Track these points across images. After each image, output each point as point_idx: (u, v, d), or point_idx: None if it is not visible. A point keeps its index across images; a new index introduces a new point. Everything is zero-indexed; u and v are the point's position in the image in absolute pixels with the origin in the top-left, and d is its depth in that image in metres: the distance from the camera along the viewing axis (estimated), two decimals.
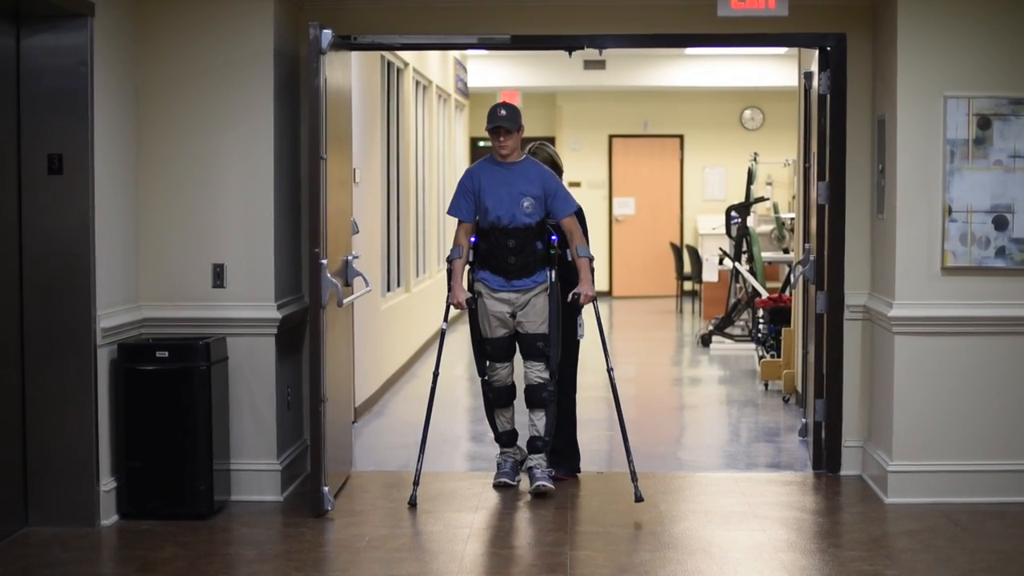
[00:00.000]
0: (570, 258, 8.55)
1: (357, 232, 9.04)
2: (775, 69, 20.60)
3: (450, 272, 8.58)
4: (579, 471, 8.98)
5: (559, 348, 8.51)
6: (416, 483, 8.24)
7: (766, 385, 12.92)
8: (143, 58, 8.19)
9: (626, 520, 7.89)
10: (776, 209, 20.77)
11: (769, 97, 22.93)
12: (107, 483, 7.73)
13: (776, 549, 7.31)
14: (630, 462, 8.34)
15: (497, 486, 8.56)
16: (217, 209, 8.27)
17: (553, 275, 8.48)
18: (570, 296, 8.48)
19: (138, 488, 7.82)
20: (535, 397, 8.48)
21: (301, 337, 8.80)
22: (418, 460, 8.35)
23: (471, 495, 8.19)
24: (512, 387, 8.62)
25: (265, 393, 8.30)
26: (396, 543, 7.41)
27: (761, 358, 13.89)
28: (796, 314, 11.86)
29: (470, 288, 8.56)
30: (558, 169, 8.89)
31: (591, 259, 8.56)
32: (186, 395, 7.80)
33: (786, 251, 18.61)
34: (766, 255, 17.26)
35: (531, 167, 8.52)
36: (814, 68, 9.39)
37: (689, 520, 7.98)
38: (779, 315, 13.57)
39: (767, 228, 20.46)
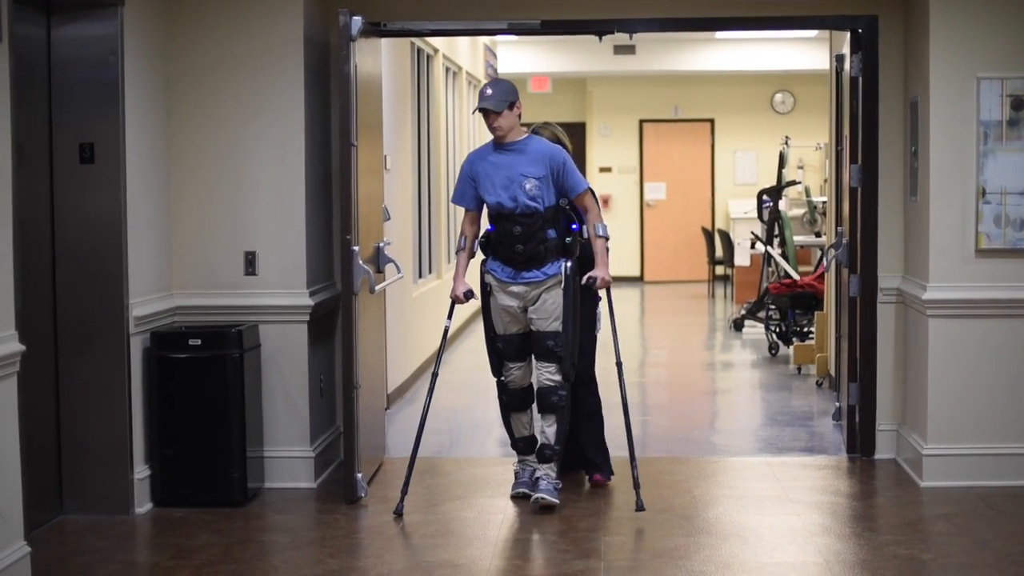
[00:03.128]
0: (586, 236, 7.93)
1: (388, 219, 9.04)
2: (806, 52, 20.50)
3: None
4: (612, 473, 8.41)
5: (575, 348, 7.87)
6: (404, 492, 7.76)
7: (799, 369, 12.89)
8: (173, 47, 8.20)
9: (659, 505, 7.86)
10: (808, 193, 20.72)
11: (800, 80, 22.83)
12: (141, 471, 7.75)
13: (811, 533, 7.29)
14: (634, 468, 7.89)
15: (515, 497, 7.95)
16: (249, 197, 8.27)
17: (568, 267, 7.77)
18: (585, 279, 7.83)
19: (172, 476, 7.84)
20: (546, 401, 7.81)
21: (333, 324, 8.80)
22: (408, 469, 7.87)
23: (504, 481, 8.18)
24: (529, 389, 7.99)
25: (298, 380, 8.30)
26: (430, 529, 7.41)
27: (772, 347, 13.84)
28: (829, 297, 11.82)
29: (482, 280, 7.96)
30: (565, 149, 8.11)
31: (608, 238, 7.93)
32: (219, 383, 7.81)
33: (818, 235, 18.55)
34: (798, 239, 17.22)
35: (535, 145, 7.80)
36: (846, 50, 9.34)
37: (723, 505, 7.95)
38: (800, 300, 13.52)
39: (799, 212, 20.41)
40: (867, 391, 8.96)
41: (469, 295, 8.00)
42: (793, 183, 18.99)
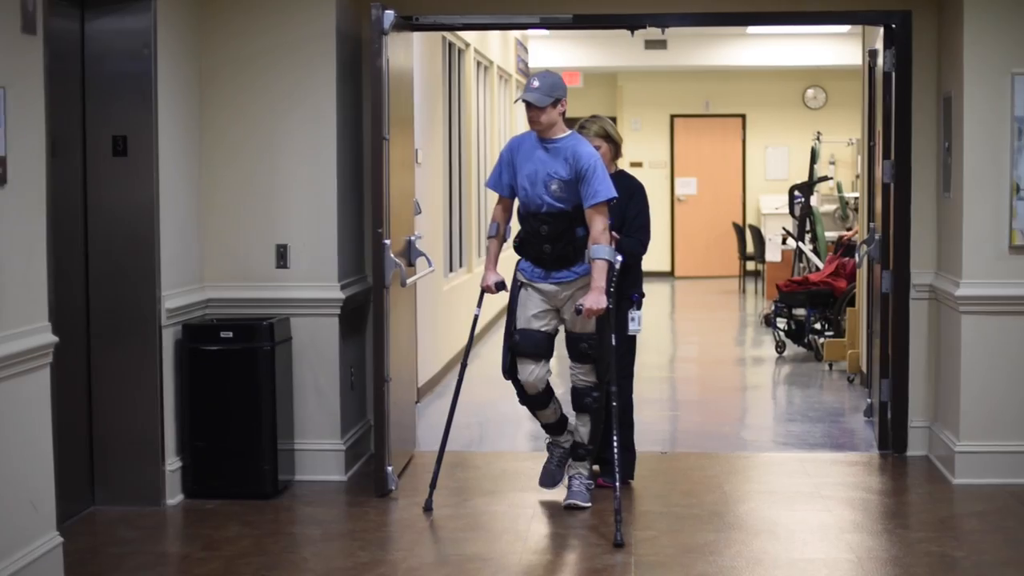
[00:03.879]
0: (617, 261, 7.55)
1: (419, 213, 9.04)
2: (838, 47, 20.44)
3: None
4: (632, 477, 8.20)
5: (611, 349, 7.56)
6: (433, 486, 7.69)
7: (830, 365, 12.85)
8: (206, 40, 8.21)
9: (689, 501, 7.86)
10: (840, 188, 20.69)
11: (832, 76, 22.77)
12: (172, 463, 7.77)
13: (842, 530, 7.27)
14: (616, 500, 7.12)
15: (543, 484, 7.81)
16: (280, 190, 8.28)
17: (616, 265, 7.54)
18: (574, 307, 7.41)
19: (203, 467, 7.86)
20: (580, 402, 7.67)
21: (364, 317, 8.81)
22: (437, 463, 7.80)
23: (534, 475, 8.15)
24: (547, 390, 7.66)
25: (329, 373, 8.31)
26: (460, 523, 7.41)
27: (779, 345, 13.81)
28: (861, 293, 11.78)
29: (515, 276, 7.70)
30: (615, 144, 8.08)
31: (612, 263, 7.41)
32: (250, 375, 7.83)
33: (849, 230, 18.51)
34: (829, 234, 17.18)
35: (570, 146, 7.44)
36: (879, 46, 9.31)
37: (754, 500, 7.94)
38: (816, 298, 13.42)
39: (831, 207, 20.37)
40: (899, 387, 8.93)
41: (500, 286, 7.76)
42: (825, 179, 18.99)
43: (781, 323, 13.96)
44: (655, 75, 23.17)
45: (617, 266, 7.52)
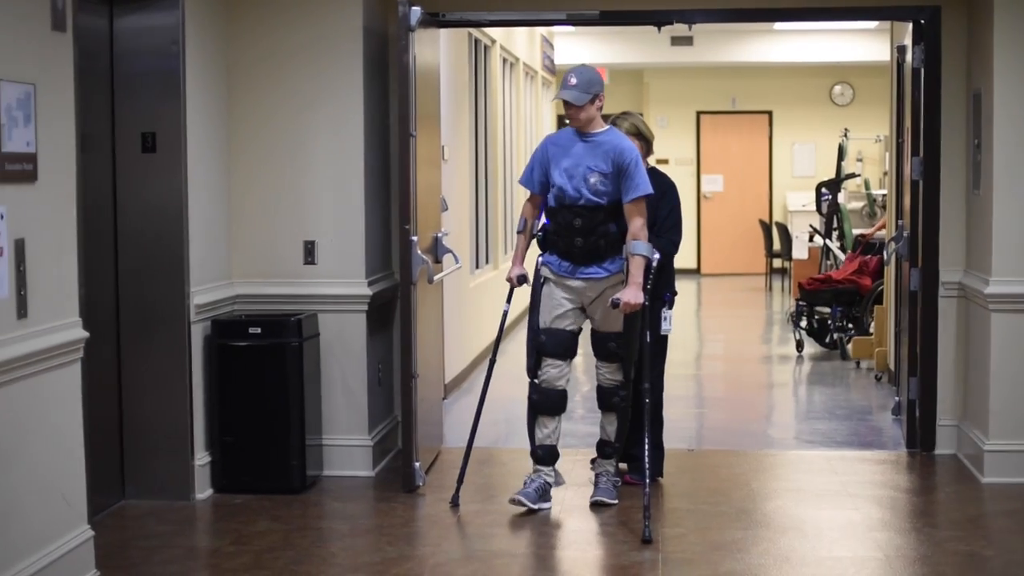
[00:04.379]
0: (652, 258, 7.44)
1: (446, 209, 9.05)
2: (865, 43, 20.39)
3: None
4: (661, 474, 8.21)
5: (636, 348, 7.56)
6: (460, 482, 7.71)
7: (858, 363, 12.83)
8: (233, 37, 8.24)
9: (717, 498, 7.85)
10: (867, 185, 20.64)
11: (859, 72, 22.72)
12: (202, 457, 7.80)
13: (870, 528, 7.26)
14: (645, 496, 7.16)
15: (512, 502, 7.51)
16: (308, 186, 8.30)
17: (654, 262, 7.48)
18: (609, 302, 7.38)
19: (232, 462, 7.89)
20: (607, 401, 7.67)
21: (391, 314, 8.82)
22: (464, 458, 7.83)
23: (561, 471, 8.14)
24: (563, 393, 7.61)
25: (356, 369, 8.33)
26: (487, 519, 7.41)
27: (800, 345, 13.74)
28: (889, 291, 11.76)
29: (537, 271, 7.66)
30: (646, 141, 8.02)
31: (650, 259, 7.40)
32: (278, 371, 7.85)
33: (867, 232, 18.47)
34: (857, 231, 17.13)
35: (610, 140, 7.46)
36: (907, 42, 9.28)
37: (781, 498, 7.93)
38: (842, 296, 13.34)
39: (858, 205, 20.32)
40: (927, 386, 8.91)
41: (523, 279, 7.72)
42: (852, 176, 18.94)
43: (803, 321, 13.87)
44: (681, 71, 23.15)
45: (655, 263, 7.49)
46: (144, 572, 6.48)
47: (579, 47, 21.28)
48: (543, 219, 7.72)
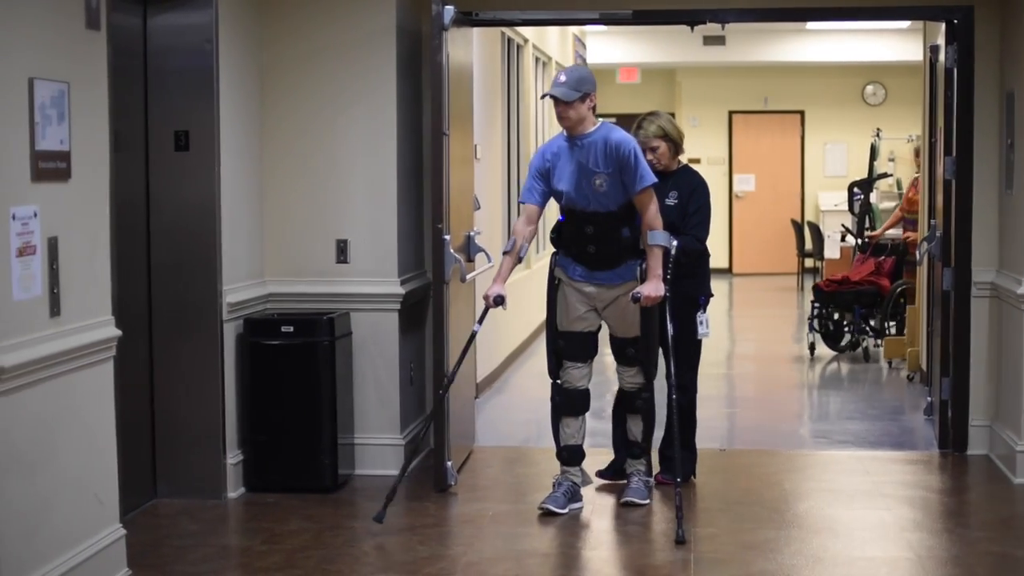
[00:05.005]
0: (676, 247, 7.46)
1: (479, 208, 9.06)
2: (898, 43, 20.31)
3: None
4: (694, 474, 8.17)
5: (656, 350, 7.58)
6: (390, 499, 7.28)
7: (890, 363, 12.78)
8: (267, 36, 8.25)
9: (749, 498, 7.84)
10: (899, 185, 20.54)
11: (891, 72, 22.63)
12: (233, 456, 7.82)
13: (902, 528, 7.23)
14: (677, 496, 7.16)
15: (541, 509, 7.42)
16: (341, 185, 8.31)
17: (644, 269, 7.38)
18: (630, 296, 7.34)
19: (264, 461, 7.90)
20: (631, 404, 7.68)
21: (424, 313, 8.83)
22: (399, 475, 7.52)
23: (592, 470, 8.13)
24: (585, 393, 7.59)
25: (388, 368, 8.34)
26: (519, 518, 7.41)
27: (812, 347, 13.55)
28: (920, 291, 11.71)
29: (551, 273, 7.61)
30: (674, 142, 7.91)
31: (669, 248, 7.38)
32: (310, 369, 7.85)
33: (873, 231, 18.38)
34: (890, 233, 17.05)
35: (603, 136, 7.30)
36: (940, 41, 9.24)
37: (813, 498, 7.91)
38: (863, 298, 13.23)
39: (890, 204, 20.22)
40: (960, 386, 8.87)
41: (500, 301, 7.44)
42: (884, 175, 18.86)
43: (816, 324, 13.64)
44: (714, 71, 23.10)
45: (673, 251, 7.44)
46: (176, 571, 6.49)
47: (611, 46, 21.25)
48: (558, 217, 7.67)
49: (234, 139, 7.82)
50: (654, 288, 7.26)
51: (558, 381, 7.58)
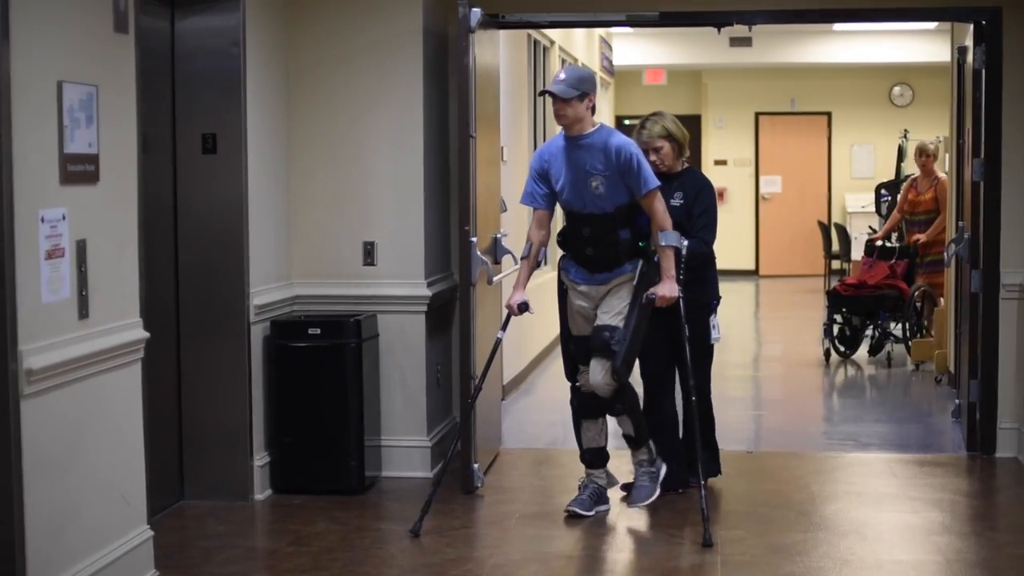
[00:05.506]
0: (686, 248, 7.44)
1: (505, 210, 9.06)
2: (925, 44, 20.25)
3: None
4: (719, 472, 8.13)
5: (632, 349, 7.23)
6: (425, 511, 7.21)
7: (917, 366, 12.73)
8: (294, 38, 8.27)
9: (776, 500, 7.82)
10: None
11: (919, 73, 22.57)
12: (260, 458, 7.83)
13: (930, 532, 7.21)
14: (702, 499, 7.13)
15: (567, 513, 7.40)
16: (367, 187, 8.32)
17: (643, 266, 7.30)
18: (644, 298, 7.24)
19: (290, 463, 7.91)
20: (608, 410, 7.46)
21: (450, 315, 8.83)
22: (433, 487, 7.45)
23: (619, 474, 8.12)
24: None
25: (415, 370, 8.35)
26: (546, 520, 7.40)
27: (827, 354, 13.33)
28: (949, 293, 11.68)
29: (558, 278, 7.59)
30: (678, 143, 7.81)
31: (680, 248, 7.35)
32: (337, 372, 7.86)
33: (874, 232, 18.32)
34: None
35: (602, 139, 7.22)
36: (968, 43, 9.22)
37: (840, 501, 7.89)
38: (888, 301, 13.05)
39: None
40: (988, 388, 8.84)
41: (524, 307, 7.50)
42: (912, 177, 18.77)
43: (836, 328, 13.42)
44: (740, 73, 23.06)
45: (683, 252, 7.40)
46: (203, 572, 6.51)
47: (637, 48, 21.24)
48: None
49: (261, 141, 7.83)
50: (669, 289, 7.22)
51: (576, 384, 7.52)
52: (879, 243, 13.88)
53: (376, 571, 6.53)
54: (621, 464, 8.00)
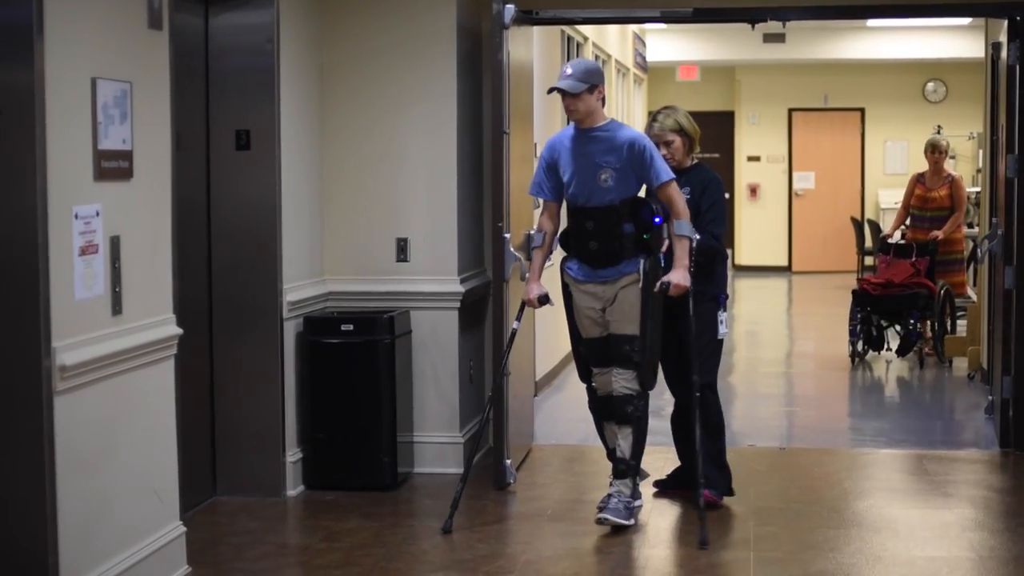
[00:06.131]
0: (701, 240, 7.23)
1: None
2: (959, 40, 20.17)
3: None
4: (731, 492, 7.71)
5: (655, 354, 7.17)
6: (455, 507, 7.22)
7: (950, 362, 12.67)
8: (327, 35, 8.28)
9: (809, 497, 7.81)
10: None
11: (952, 69, 22.47)
12: (293, 454, 7.85)
13: (963, 528, 7.19)
14: (699, 498, 7.04)
15: (598, 521, 7.13)
16: (401, 183, 8.33)
17: (646, 265, 7.09)
18: (657, 285, 7.07)
19: (323, 459, 7.93)
20: (620, 411, 7.15)
21: (483, 311, 8.83)
22: (461, 483, 7.38)
23: (653, 469, 8.09)
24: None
25: (448, 366, 8.35)
26: (578, 517, 7.39)
27: (856, 356, 12.94)
28: (982, 289, 11.63)
29: (561, 280, 7.39)
30: (689, 137, 7.58)
31: (692, 239, 7.15)
32: (370, 368, 7.87)
33: (970, 225, 18.24)
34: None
35: (615, 132, 7.15)
36: (1002, 38, 9.18)
37: (873, 497, 7.87)
38: (919, 300, 12.56)
39: None
40: (1021, 384, 8.81)
41: (544, 300, 7.42)
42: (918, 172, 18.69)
43: (862, 328, 13.00)
44: (773, 69, 23.00)
45: (694, 244, 7.18)
46: (235, 568, 6.52)
47: (671, 44, 21.20)
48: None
49: (294, 138, 7.85)
50: (681, 276, 7.06)
51: (592, 385, 7.33)
52: (891, 240, 13.61)
53: (408, 567, 6.54)
54: (657, 461, 7.98)
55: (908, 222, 13.48)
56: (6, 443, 5.13)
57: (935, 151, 13.17)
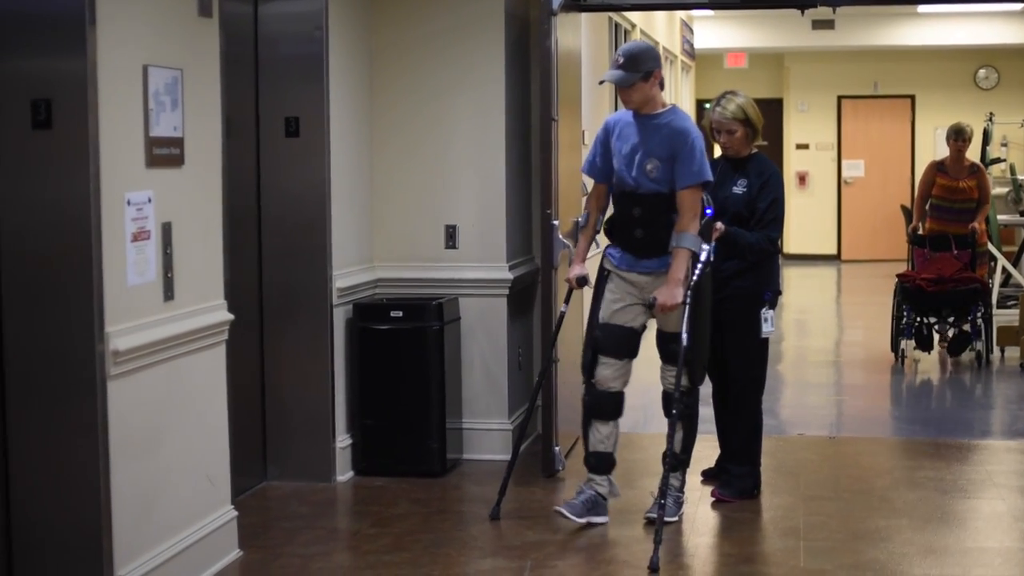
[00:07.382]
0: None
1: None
2: (1011, 26, 20.04)
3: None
4: (754, 494, 7.52)
5: (702, 354, 6.94)
6: (502, 494, 7.18)
7: (1002, 352, 12.55)
8: (376, 22, 8.29)
9: (858, 486, 7.78)
10: (1012, 171, 20.24)
11: (1005, 55, 22.31)
12: (343, 440, 7.87)
13: (1016, 519, 7.14)
14: (660, 507, 6.60)
15: (556, 513, 6.97)
16: (449, 171, 8.34)
17: (703, 256, 6.78)
18: (644, 300, 6.85)
19: (372, 445, 7.95)
20: (667, 409, 7.01)
21: (532, 298, 8.83)
22: (508, 470, 7.31)
23: (700, 457, 7.99)
24: (616, 397, 7.02)
25: (496, 353, 8.36)
26: (627, 504, 7.36)
27: (902, 356, 12.28)
28: None
29: (600, 265, 7.09)
30: (752, 127, 7.37)
31: (696, 252, 6.74)
32: (419, 354, 7.89)
33: (1023, 214, 18.14)
34: (1002, 218, 16.84)
35: (669, 122, 6.81)
36: None
37: (924, 487, 7.82)
38: (975, 295, 12.00)
39: (1003, 190, 19.96)
40: None
41: (583, 281, 7.14)
42: (997, 161, 18.60)
43: (912, 325, 12.28)
44: (822, 56, 22.89)
45: (703, 256, 6.78)
46: (286, 552, 6.55)
47: (719, 32, 21.14)
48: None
49: (344, 125, 7.86)
50: (670, 294, 6.69)
51: (592, 380, 7.01)
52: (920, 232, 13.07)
53: (457, 553, 6.55)
54: (703, 450, 7.95)
55: (929, 212, 12.86)
56: (61, 428, 5.18)
57: (959, 138, 12.66)
